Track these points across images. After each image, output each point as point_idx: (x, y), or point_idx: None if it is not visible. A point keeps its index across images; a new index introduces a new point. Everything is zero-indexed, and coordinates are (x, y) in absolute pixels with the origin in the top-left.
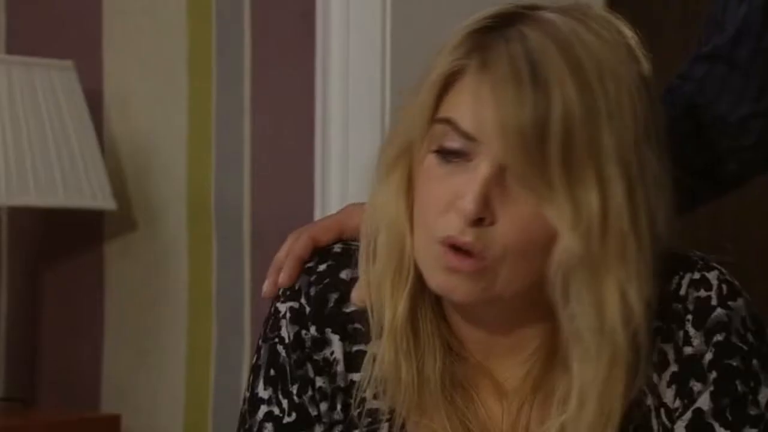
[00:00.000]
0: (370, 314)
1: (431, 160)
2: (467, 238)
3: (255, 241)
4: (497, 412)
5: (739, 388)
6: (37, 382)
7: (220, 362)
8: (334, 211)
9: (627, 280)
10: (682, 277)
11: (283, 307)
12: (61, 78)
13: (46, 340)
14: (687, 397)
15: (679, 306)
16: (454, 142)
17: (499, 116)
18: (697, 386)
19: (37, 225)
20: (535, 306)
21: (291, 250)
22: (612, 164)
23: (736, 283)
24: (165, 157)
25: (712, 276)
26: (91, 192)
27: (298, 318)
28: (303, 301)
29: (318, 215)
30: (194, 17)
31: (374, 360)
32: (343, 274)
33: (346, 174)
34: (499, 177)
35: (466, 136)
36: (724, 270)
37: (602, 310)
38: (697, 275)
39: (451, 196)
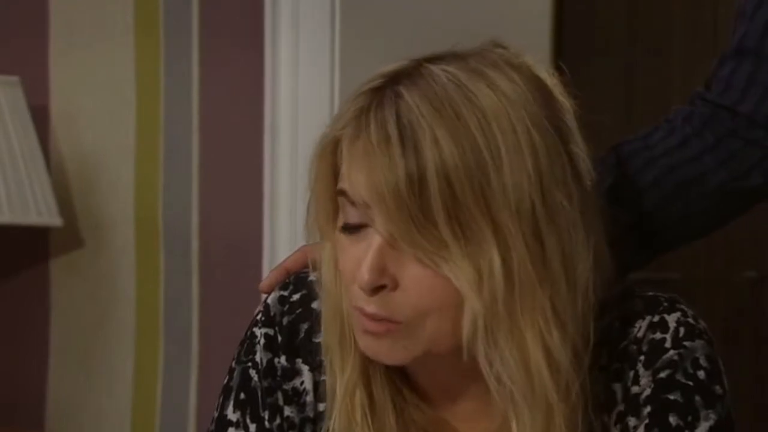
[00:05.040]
0: (329, 375)
1: (341, 235)
2: (371, 308)
3: (203, 259)
4: None
5: (673, 421)
6: None
7: (168, 380)
8: (282, 228)
9: (546, 330)
10: (643, 320)
11: (258, 333)
12: (6, 94)
13: None
14: None
15: (634, 347)
16: (352, 217)
17: (373, 183)
18: (632, 421)
19: None
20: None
21: (286, 260)
22: (507, 214)
23: (700, 324)
24: (112, 173)
25: (671, 318)
26: (36, 208)
27: (271, 345)
28: (276, 329)
29: (267, 232)
30: (142, 33)
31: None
32: (315, 304)
33: (295, 190)
34: (393, 242)
35: (357, 205)
36: (689, 312)
37: (527, 366)
38: (656, 318)
39: (354, 265)
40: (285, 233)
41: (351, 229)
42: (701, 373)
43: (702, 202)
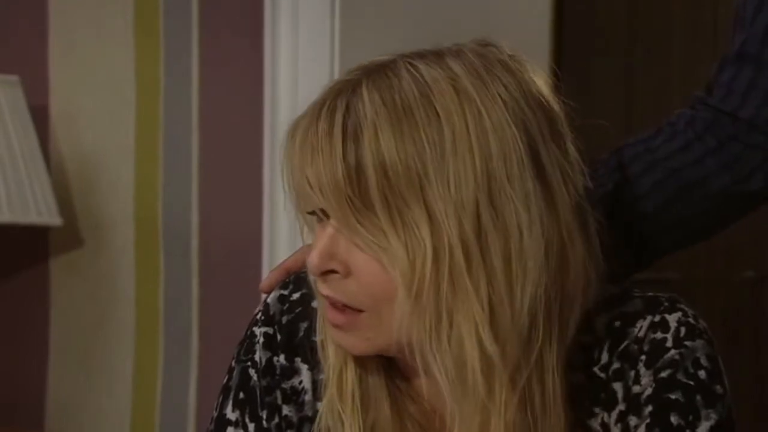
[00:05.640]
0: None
1: (312, 219)
2: (325, 291)
3: (203, 259)
4: None
5: (674, 420)
6: None
7: (167, 380)
8: (282, 228)
9: (482, 327)
10: (644, 320)
11: (258, 332)
12: (6, 94)
13: None
14: None
15: (635, 347)
16: (316, 203)
17: (316, 172)
18: (633, 420)
19: None
20: None
21: (286, 260)
22: (445, 210)
23: (701, 324)
24: (112, 172)
25: (672, 318)
26: (36, 208)
27: (270, 344)
28: (276, 328)
29: (266, 232)
30: (141, 32)
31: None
32: (315, 303)
33: None
34: (347, 229)
35: (314, 192)
36: (689, 311)
37: (460, 362)
38: (657, 318)
39: None
40: (285, 233)
41: (318, 215)
42: (702, 373)
43: (703, 204)
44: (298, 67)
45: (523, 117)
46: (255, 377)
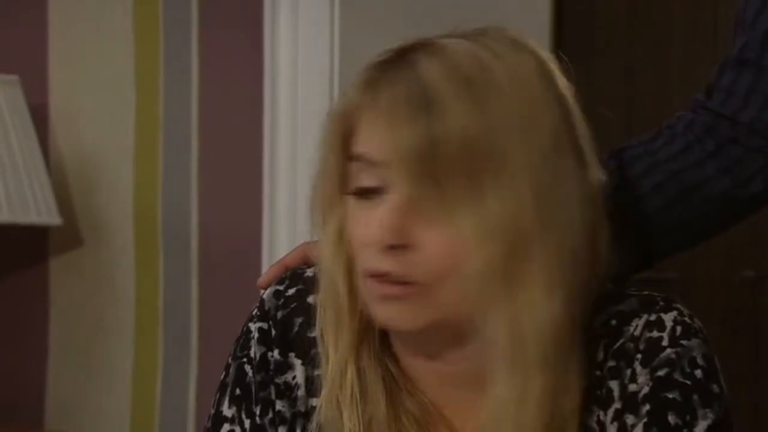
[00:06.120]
0: (323, 363)
1: (353, 203)
2: (384, 266)
3: (202, 258)
4: None
5: (671, 420)
6: None
7: (167, 380)
8: (282, 228)
9: (540, 297)
10: (640, 318)
11: (253, 327)
12: (6, 93)
13: None
14: (623, 431)
15: (631, 345)
16: (368, 181)
17: (395, 144)
18: (630, 419)
19: None
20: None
21: (285, 256)
22: (519, 177)
23: (696, 323)
24: (111, 172)
25: (668, 317)
26: (36, 208)
27: (264, 339)
28: (271, 323)
29: (266, 232)
30: (141, 32)
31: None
32: (311, 299)
33: (294, 191)
34: (410, 203)
35: (376, 165)
36: (685, 311)
37: (514, 329)
38: (653, 317)
39: (368, 228)
40: (284, 233)
41: (366, 193)
42: (698, 372)
43: (703, 207)
44: (298, 66)
45: (559, 94)
46: (250, 373)
